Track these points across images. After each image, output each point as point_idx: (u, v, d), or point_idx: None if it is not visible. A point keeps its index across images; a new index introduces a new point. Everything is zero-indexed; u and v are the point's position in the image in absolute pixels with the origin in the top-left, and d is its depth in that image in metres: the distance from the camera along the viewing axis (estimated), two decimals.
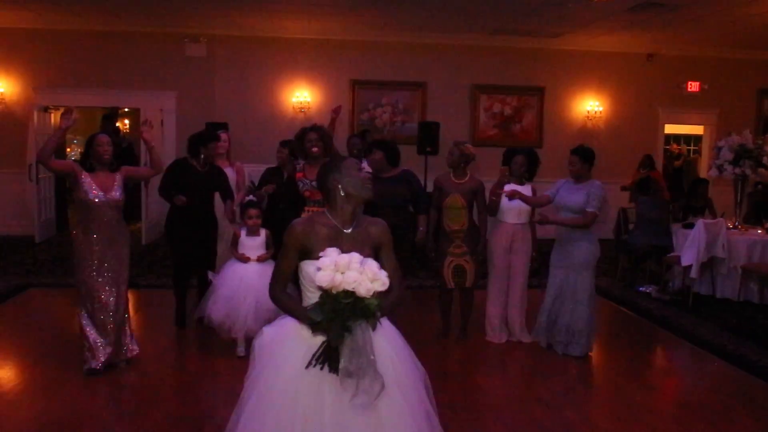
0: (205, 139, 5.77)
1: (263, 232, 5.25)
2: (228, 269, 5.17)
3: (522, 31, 10.04)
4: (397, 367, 2.51)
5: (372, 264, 2.43)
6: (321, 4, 8.67)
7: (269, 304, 4.78)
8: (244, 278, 5.02)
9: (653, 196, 7.99)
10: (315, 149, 5.15)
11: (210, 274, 5.29)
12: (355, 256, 2.41)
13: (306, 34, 10.28)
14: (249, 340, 5.04)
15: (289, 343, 2.52)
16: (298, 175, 5.27)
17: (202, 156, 5.68)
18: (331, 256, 2.40)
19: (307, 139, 5.22)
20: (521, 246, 5.57)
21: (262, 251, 5.19)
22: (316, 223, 2.63)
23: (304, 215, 5.05)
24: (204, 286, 5.91)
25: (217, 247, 5.99)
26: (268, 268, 5.08)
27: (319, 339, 2.46)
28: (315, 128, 5.30)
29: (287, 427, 2.38)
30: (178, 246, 5.76)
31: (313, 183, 5.18)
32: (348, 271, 2.36)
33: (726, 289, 7.09)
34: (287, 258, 2.63)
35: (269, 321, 4.83)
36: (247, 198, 5.49)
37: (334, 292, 2.36)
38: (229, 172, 6.40)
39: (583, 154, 5.26)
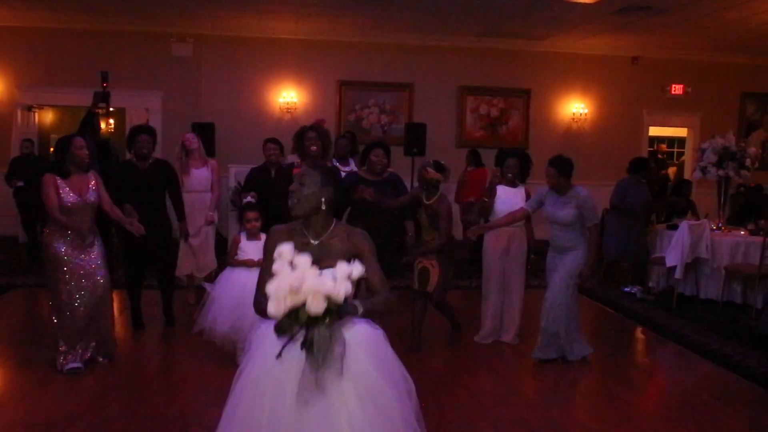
0: (131, 133, 5.71)
1: (263, 236, 5.03)
2: (228, 278, 4.91)
3: (508, 34, 10.10)
4: (372, 379, 2.45)
5: (326, 277, 2.30)
6: (308, 4, 8.67)
7: None
8: (247, 286, 4.57)
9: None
10: (314, 148, 5.13)
11: (207, 285, 5.12)
12: (309, 273, 2.28)
13: (293, 35, 10.27)
14: None
15: (271, 342, 2.51)
16: (296, 171, 5.24)
17: (135, 151, 5.62)
18: (281, 278, 2.28)
19: (306, 137, 5.20)
20: (517, 249, 5.54)
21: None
22: (292, 231, 2.63)
23: None
24: (165, 287, 5.87)
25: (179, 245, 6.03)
26: None
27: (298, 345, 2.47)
28: (314, 127, 5.27)
29: (254, 422, 2.40)
30: (130, 247, 5.63)
31: None
32: (299, 292, 2.25)
33: (710, 289, 7.16)
34: (269, 264, 2.53)
35: None
36: (245, 200, 5.29)
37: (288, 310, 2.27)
38: (204, 172, 6.38)
39: (560, 167, 5.03)
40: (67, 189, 4.58)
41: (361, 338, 2.53)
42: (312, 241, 2.58)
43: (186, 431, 3.89)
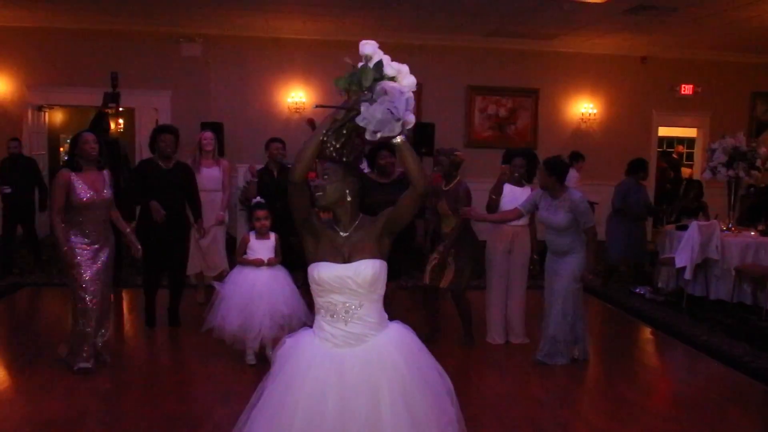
0: (154, 133, 5.74)
1: (273, 235, 5.01)
2: (237, 277, 4.92)
3: (517, 33, 10.07)
4: (406, 380, 2.44)
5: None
6: (316, 4, 8.67)
7: (283, 310, 4.74)
8: (256, 285, 4.79)
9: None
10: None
11: (216, 284, 5.07)
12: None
13: (301, 35, 10.28)
14: (260, 348, 4.92)
15: (301, 352, 2.51)
16: (311, 175, 5.22)
17: (157, 151, 5.65)
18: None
19: None
20: (520, 248, 5.53)
21: (272, 255, 4.96)
22: (322, 223, 2.61)
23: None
24: (176, 287, 5.88)
25: (190, 246, 6.02)
26: (279, 273, 4.90)
27: (332, 350, 2.46)
28: None
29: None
30: (148, 246, 5.59)
31: None
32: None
33: (720, 290, 7.12)
34: None
35: (283, 327, 4.68)
36: (255, 200, 5.26)
37: (369, 64, 2.54)
38: (215, 172, 6.41)
39: (550, 167, 4.99)
40: (83, 185, 4.60)
41: (396, 339, 2.53)
42: (341, 233, 2.57)
43: (196, 429, 3.90)
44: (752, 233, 7.34)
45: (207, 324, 4.90)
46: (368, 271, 2.46)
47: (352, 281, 2.44)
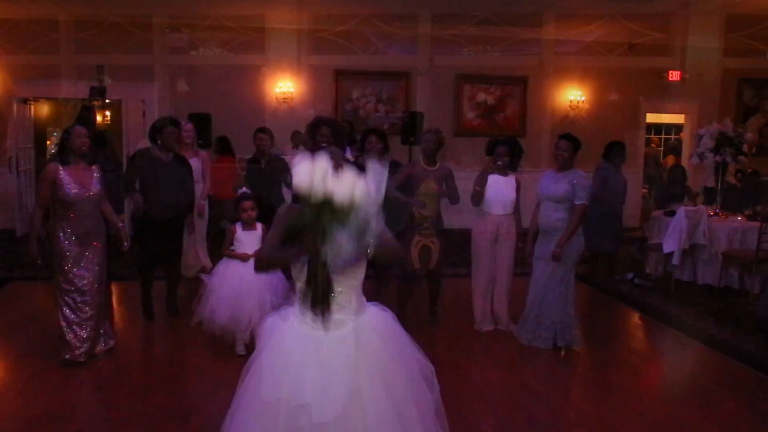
0: (159, 125, 5.69)
1: (259, 226, 4.99)
2: (225, 270, 4.91)
3: (505, 22, 10.07)
4: (385, 364, 2.45)
5: (349, 174, 2.37)
6: None
7: (272, 300, 4.69)
8: (245, 277, 4.75)
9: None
10: (324, 145, 5.07)
11: (204, 276, 5.05)
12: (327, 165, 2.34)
13: (290, 24, 10.21)
14: (251, 339, 4.93)
15: (281, 336, 2.51)
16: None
17: (159, 143, 5.61)
18: (305, 163, 2.33)
19: (319, 133, 5.11)
20: (507, 236, 5.55)
21: (259, 246, 4.88)
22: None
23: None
24: (172, 279, 5.87)
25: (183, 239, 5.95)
26: None
27: (310, 333, 2.46)
28: (330, 123, 5.05)
29: (271, 423, 2.38)
30: (145, 238, 5.62)
31: None
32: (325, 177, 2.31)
33: (707, 275, 7.17)
34: (277, 230, 2.57)
35: None
36: (240, 191, 5.22)
37: (312, 199, 2.31)
38: (195, 162, 6.38)
39: (576, 143, 5.15)
40: (71, 182, 4.56)
41: (374, 323, 2.54)
42: None
43: (186, 421, 3.90)
44: (739, 218, 7.39)
45: (196, 317, 4.90)
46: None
47: None
